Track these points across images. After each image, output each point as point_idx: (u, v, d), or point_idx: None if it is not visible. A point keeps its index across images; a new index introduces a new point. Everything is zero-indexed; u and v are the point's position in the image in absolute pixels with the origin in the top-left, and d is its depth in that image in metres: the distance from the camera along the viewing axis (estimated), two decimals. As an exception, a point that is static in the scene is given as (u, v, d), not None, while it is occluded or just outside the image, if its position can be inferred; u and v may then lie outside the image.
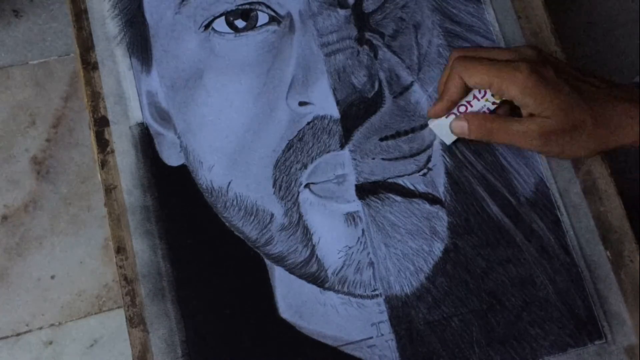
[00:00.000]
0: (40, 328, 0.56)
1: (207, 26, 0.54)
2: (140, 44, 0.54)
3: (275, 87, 0.53)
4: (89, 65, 0.54)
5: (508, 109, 0.50)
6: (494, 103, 0.49)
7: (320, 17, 0.54)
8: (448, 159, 0.52)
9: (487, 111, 0.49)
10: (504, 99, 0.48)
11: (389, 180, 0.51)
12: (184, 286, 0.49)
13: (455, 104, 0.50)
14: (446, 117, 0.50)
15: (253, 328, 0.49)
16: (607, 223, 0.52)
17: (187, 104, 0.53)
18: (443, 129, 0.50)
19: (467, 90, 0.49)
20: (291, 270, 0.50)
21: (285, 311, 0.49)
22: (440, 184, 0.52)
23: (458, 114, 0.50)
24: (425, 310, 0.49)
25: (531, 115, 0.47)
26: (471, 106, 0.49)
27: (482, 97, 0.49)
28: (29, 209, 0.58)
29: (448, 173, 0.52)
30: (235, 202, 0.51)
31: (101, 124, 0.52)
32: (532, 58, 0.47)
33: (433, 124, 0.51)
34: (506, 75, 0.46)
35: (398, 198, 0.51)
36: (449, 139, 0.51)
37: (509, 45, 0.55)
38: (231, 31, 0.53)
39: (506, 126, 0.47)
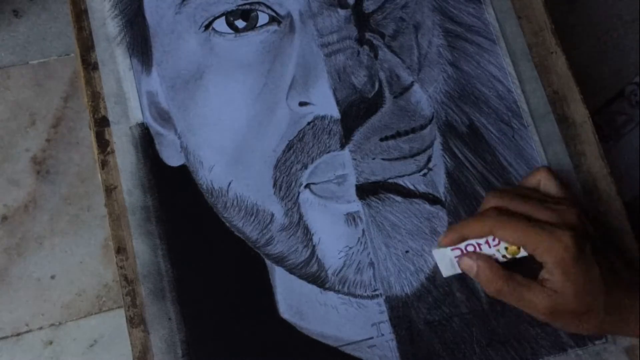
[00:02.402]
0: (40, 328, 0.56)
1: (207, 26, 0.54)
2: (140, 44, 0.54)
3: (275, 87, 0.53)
4: (89, 65, 0.54)
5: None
6: (504, 256, 0.45)
7: (321, 17, 0.54)
8: (448, 159, 0.52)
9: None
10: (517, 257, 0.45)
11: (390, 181, 0.51)
12: (184, 286, 0.49)
13: (466, 240, 0.46)
14: (451, 249, 0.46)
15: (253, 328, 0.49)
16: (607, 223, 0.52)
17: (188, 104, 0.53)
18: (445, 259, 0.46)
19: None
20: (291, 270, 0.50)
21: (285, 311, 0.49)
22: (440, 184, 0.52)
23: (465, 251, 0.46)
24: (426, 311, 0.49)
25: (545, 282, 0.43)
26: (480, 249, 0.45)
27: (494, 246, 0.45)
28: (29, 209, 0.58)
29: (448, 173, 0.52)
30: (235, 203, 0.51)
31: (101, 124, 0.52)
32: (572, 224, 0.43)
33: (436, 252, 0.47)
34: (545, 241, 0.42)
35: (398, 198, 0.51)
36: (448, 271, 0.47)
37: (509, 44, 0.55)
38: (231, 31, 0.53)
39: (517, 291, 0.43)
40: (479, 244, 0.45)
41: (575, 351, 0.49)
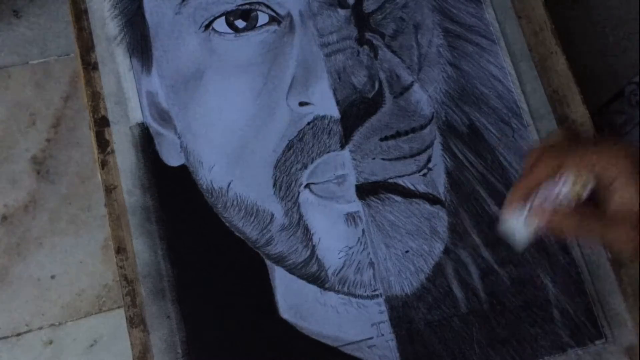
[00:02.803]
0: (40, 328, 0.56)
1: (207, 26, 0.54)
2: (140, 44, 0.54)
3: (275, 87, 0.52)
4: (89, 65, 0.54)
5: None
6: (575, 196, 0.41)
7: (321, 17, 0.54)
8: (448, 159, 0.52)
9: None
10: (584, 195, 0.41)
11: (389, 181, 0.51)
12: (184, 286, 0.49)
13: (535, 188, 0.42)
14: (518, 218, 0.42)
15: (253, 328, 0.49)
16: (607, 223, 0.52)
17: (187, 104, 0.53)
18: (517, 229, 0.42)
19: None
20: (291, 270, 0.50)
21: (285, 311, 0.49)
22: (440, 184, 0.52)
23: (531, 207, 0.42)
24: (426, 311, 0.49)
25: (621, 207, 0.40)
26: (549, 196, 0.42)
27: (563, 183, 0.41)
28: (29, 209, 0.58)
29: (448, 173, 0.52)
30: (235, 202, 0.51)
31: (101, 124, 0.52)
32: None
33: (506, 225, 0.43)
34: (609, 156, 0.40)
35: (398, 198, 0.51)
36: (522, 241, 0.43)
37: (509, 44, 0.55)
38: (231, 31, 0.53)
39: (597, 225, 0.41)
40: (545, 193, 0.41)
41: (575, 351, 0.49)
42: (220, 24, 0.53)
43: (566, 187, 0.42)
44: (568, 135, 0.44)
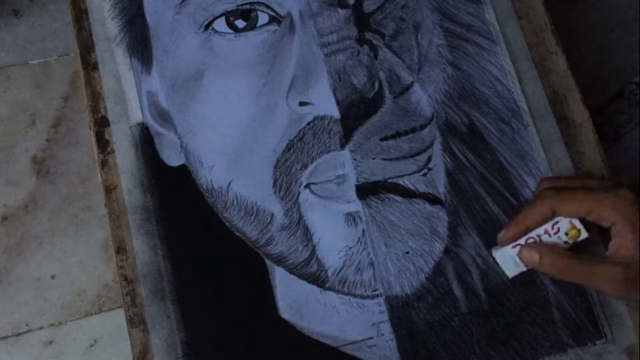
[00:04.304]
0: (40, 328, 0.56)
1: (207, 26, 0.54)
2: (140, 44, 0.54)
3: (275, 87, 0.53)
4: (89, 65, 0.54)
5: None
6: (566, 243, 0.45)
7: (321, 17, 0.54)
8: (448, 159, 0.52)
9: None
10: (578, 241, 0.44)
11: (389, 181, 0.51)
12: (184, 286, 0.49)
13: (529, 231, 0.46)
14: (512, 247, 0.46)
15: (253, 328, 0.49)
16: (607, 223, 0.52)
17: (187, 104, 0.53)
18: (506, 259, 0.47)
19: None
20: (291, 270, 0.50)
21: (285, 311, 0.49)
22: (440, 184, 0.52)
23: (524, 244, 0.46)
24: (426, 311, 0.49)
25: (617, 251, 0.43)
26: (540, 241, 0.45)
27: (554, 234, 0.44)
28: (29, 209, 0.58)
29: (448, 173, 0.52)
30: (235, 202, 0.51)
31: (101, 124, 0.52)
32: (629, 185, 0.43)
33: (497, 253, 0.47)
34: (609, 200, 0.41)
35: (398, 198, 0.51)
36: (512, 271, 0.47)
37: (509, 44, 0.55)
38: (231, 31, 0.53)
39: (584, 268, 0.42)
40: (539, 236, 0.45)
41: (575, 351, 0.49)
42: (220, 24, 0.53)
43: (558, 236, 0.44)
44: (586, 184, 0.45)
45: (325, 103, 0.52)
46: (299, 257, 0.50)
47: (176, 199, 0.51)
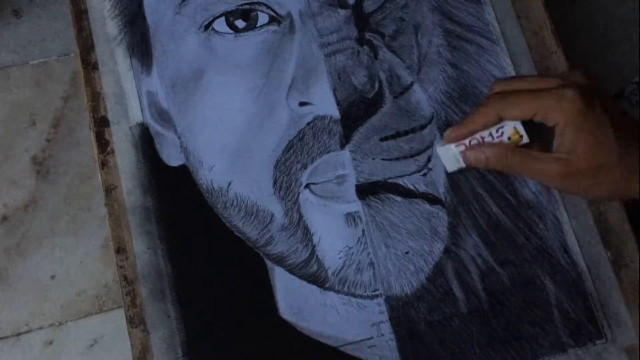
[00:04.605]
0: (40, 328, 0.56)
1: (207, 26, 0.54)
2: (140, 44, 0.54)
3: (275, 87, 0.53)
4: (89, 65, 0.54)
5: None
6: None
7: (321, 17, 0.54)
8: (448, 159, 0.52)
9: None
10: (520, 145, 0.45)
11: (389, 181, 0.51)
12: (184, 286, 0.49)
13: (473, 134, 0.46)
14: (455, 146, 0.46)
15: (253, 328, 0.49)
16: (607, 223, 0.52)
17: (188, 104, 0.53)
18: (449, 155, 0.47)
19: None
20: (291, 270, 0.50)
21: (285, 311, 0.49)
22: (440, 184, 0.52)
23: (468, 145, 0.46)
24: (426, 311, 0.49)
25: (558, 149, 0.43)
26: (483, 142, 0.46)
27: (497, 137, 0.45)
28: (29, 209, 0.58)
29: (448, 173, 0.52)
30: (235, 203, 0.51)
31: (101, 124, 0.52)
32: (579, 82, 0.44)
33: (440, 148, 0.47)
34: (553, 101, 0.42)
35: (398, 198, 0.51)
36: (452, 166, 0.47)
37: (509, 44, 0.55)
38: (231, 31, 0.53)
39: (527, 161, 0.44)
40: (482, 137, 0.46)
41: (575, 351, 0.49)
42: (220, 24, 0.53)
43: (501, 139, 0.45)
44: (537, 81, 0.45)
45: (325, 103, 0.52)
46: (299, 257, 0.50)
47: (176, 199, 0.51)
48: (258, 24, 0.54)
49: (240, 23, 0.53)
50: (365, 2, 0.55)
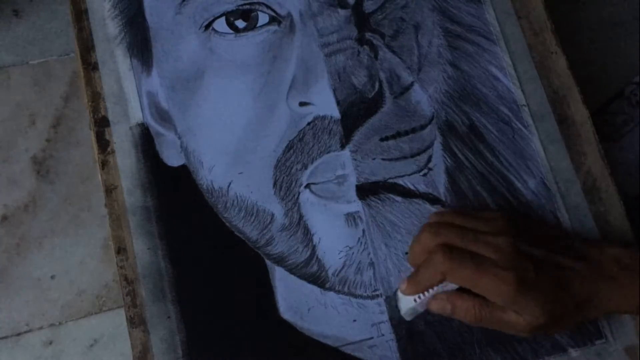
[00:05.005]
0: (40, 328, 0.56)
1: (207, 26, 0.54)
2: (140, 44, 0.54)
3: (275, 87, 0.53)
4: (89, 65, 0.54)
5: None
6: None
7: (321, 17, 0.54)
8: (448, 159, 0.52)
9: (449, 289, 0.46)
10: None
11: (390, 181, 0.51)
12: (184, 286, 0.49)
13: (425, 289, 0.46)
14: (414, 300, 0.47)
15: (253, 328, 0.49)
16: (607, 223, 0.52)
17: (188, 104, 0.53)
18: (406, 304, 0.47)
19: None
20: (292, 270, 0.50)
21: (285, 311, 0.49)
22: (440, 184, 0.52)
23: (418, 299, 0.47)
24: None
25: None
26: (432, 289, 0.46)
27: (443, 287, 0.46)
28: (29, 209, 0.58)
29: (448, 173, 0.52)
30: (235, 203, 0.51)
31: (101, 124, 0.52)
32: (504, 230, 0.46)
33: (400, 296, 0.48)
34: (491, 285, 0.44)
35: (398, 198, 0.51)
36: (409, 315, 0.48)
37: (509, 44, 0.55)
38: (231, 31, 0.53)
39: (495, 316, 0.45)
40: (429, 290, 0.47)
41: (575, 351, 0.49)
42: (221, 24, 0.53)
43: (439, 286, 0.46)
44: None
45: (325, 103, 0.52)
46: (299, 257, 0.50)
47: (176, 199, 0.51)
48: (258, 24, 0.54)
49: (240, 23, 0.53)
50: (366, 2, 0.55)
